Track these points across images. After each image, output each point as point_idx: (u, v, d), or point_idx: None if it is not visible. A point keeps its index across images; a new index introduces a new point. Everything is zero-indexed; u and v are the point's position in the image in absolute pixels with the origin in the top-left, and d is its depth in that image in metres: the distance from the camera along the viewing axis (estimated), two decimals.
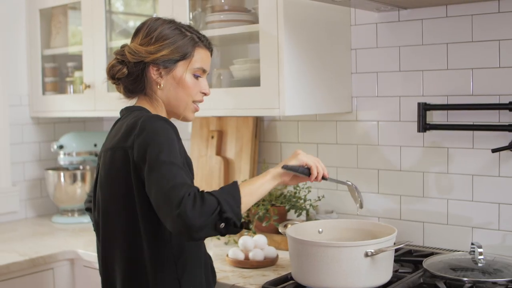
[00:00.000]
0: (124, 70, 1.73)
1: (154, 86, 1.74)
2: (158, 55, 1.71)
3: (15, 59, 3.15)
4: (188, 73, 1.75)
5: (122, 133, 1.64)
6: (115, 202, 1.65)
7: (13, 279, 2.36)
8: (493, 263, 1.93)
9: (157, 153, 1.52)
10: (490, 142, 2.16)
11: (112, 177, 1.65)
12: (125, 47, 1.75)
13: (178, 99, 1.77)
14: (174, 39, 1.73)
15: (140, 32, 1.75)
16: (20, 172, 3.17)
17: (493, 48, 2.13)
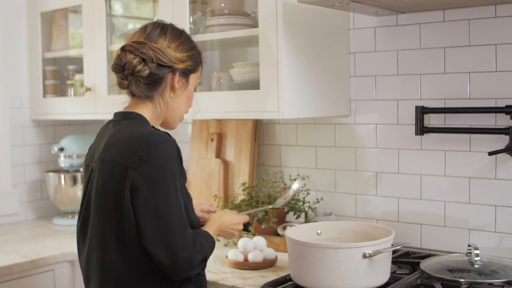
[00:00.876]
0: (146, 70, 1.67)
1: (168, 92, 1.74)
2: (186, 64, 1.74)
3: (16, 62, 3.17)
4: (194, 85, 1.82)
5: (123, 147, 1.62)
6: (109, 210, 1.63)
7: (14, 280, 2.37)
8: (490, 265, 1.95)
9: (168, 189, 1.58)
10: (487, 145, 2.18)
11: (107, 188, 1.63)
12: (145, 44, 1.68)
13: (182, 108, 1.81)
14: (194, 52, 1.78)
15: (166, 35, 1.73)
16: (21, 174, 3.19)
17: (489, 52, 2.16)
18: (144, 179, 1.57)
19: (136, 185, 1.57)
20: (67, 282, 2.54)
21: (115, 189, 1.61)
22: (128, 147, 1.61)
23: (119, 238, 1.62)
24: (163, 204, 1.57)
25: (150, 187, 1.57)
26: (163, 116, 1.78)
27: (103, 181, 1.64)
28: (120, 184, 1.59)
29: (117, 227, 1.61)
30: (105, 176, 1.64)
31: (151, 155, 1.57)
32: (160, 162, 1.57)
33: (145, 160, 1.57)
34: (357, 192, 2.52)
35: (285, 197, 2.20)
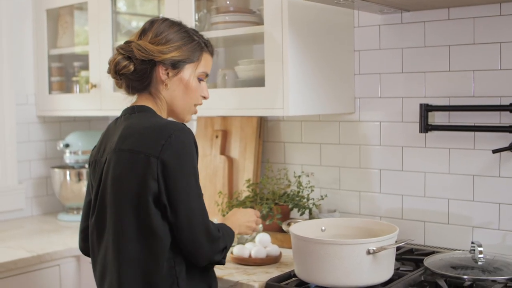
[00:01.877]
0: (130, 66, 1.73)
1: (160, 85, 1.77)
2: (169, 56, 1.74)
3: (22, 59, 3.19)
4: (194, 76, 1.80)
5: (142, 136, 1.64)
6: (127, 201, 1.64)
7: (20, 275, 2.39)
8: (493, 262, 1.96)
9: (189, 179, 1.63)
10: (491, 143, 2.19)
11: (126, 178, 1.64)
12: (131, 43, 1.75)
13: (182, 101, 1.81)
14: (183, 42, 1.77)
15: (150, 31, 1.76)
16: (27, 170, 3.21)
17: (494, 50, 2.17)
18: (167, 167, 1.60)
19: (159, 173, 1.60)
20: (72, 277, 2.56)
21: (136, 178, 1.62)
22: (148, 136, 1.64)
23: (139, 226, 1.63)
24: (187, 191, 1.62)
25: (174, 175, 1.61)
26: (166, 109, 1.81)
27: (120, 171, 1.65)
28: (142, 173, 1.61)
29: (137, 216, 1.63)
30: (123, 166, 1.65)
31: (172, 143, 1.61)
32: (181, 150, 1.62)
33: (167, 148, 1.61)
34: (361, 189, 2.53)
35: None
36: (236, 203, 2.51)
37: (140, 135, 1.65)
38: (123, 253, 1.66)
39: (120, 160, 1.67)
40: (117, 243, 1.67)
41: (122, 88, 1.82)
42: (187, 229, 1.63)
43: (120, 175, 1.66)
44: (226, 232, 1.76)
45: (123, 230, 1.65)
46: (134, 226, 1.64)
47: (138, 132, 1.67)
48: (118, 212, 1.66)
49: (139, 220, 1.63)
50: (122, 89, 1.83)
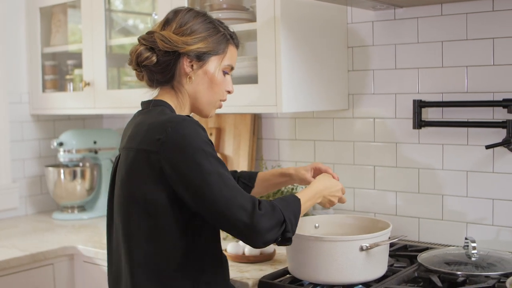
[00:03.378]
0: (153, 58, 1.65)
1: (184, 78, 1.68)
2: (194, 47, 1.65)
3: (15, 57, 3.18)
4: (219, 69, 1.71)
5: (144, 134, 1.59)
6: (136, 201, 1.61)
7: (14, 274, 2.38)
8: (487, 258, 1.96)
9: (198, 166, 1.51)
10: (484, 138, 2.19)
11: (132, 178, 1.61)
12: (153, 33, 1.66)
13: (207, 95, 1.72)
14: (209, 33, 1.68)
15: (173, 22, 1.67)
16: (20, 169, 3.20)
17: (487, 46, 2.16)
18: (170, 161, 1.53)
19: (166, 170, 1.54)
20: (66, 276, 2.55)
21: (141, 178, 1.58)
22: (148, 133, 1.58)
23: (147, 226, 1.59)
24: (198, 180, 1.51)
25: (179, 167, 1.52)
26: (189, 104, 1.72)
27: (126, 170, 1.63)
28: (145, 172, 1.57)
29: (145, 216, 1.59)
30: (128, 165, 1.62)
31: (168, 136, 1.53)
32: (181, 142, 1.53)
33: (164, 141, 1.53)
34: (355, 185, 2.52)
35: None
36: None
37: (143, 132, 1.60)
38: (135, 254, 1.62)
39: (126, 160, 1.63)
40: (127, 244, 1.64)
41: (143, 81, 1.74)
42: (217, 220, 1.54)
43: (126, 175, 1.63)
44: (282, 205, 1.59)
45: (132, 230, 1.62)
46: (142, 227, 1.60)
47: (143, 130, 1.61)
48: (125, 213, 1.64)
49: (147, 220, 1.59)
50: (142, 81, 1.74)
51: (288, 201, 1.63)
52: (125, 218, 1.64)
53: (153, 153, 1.55)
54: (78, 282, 2.56)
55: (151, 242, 1.60)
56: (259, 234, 1.53)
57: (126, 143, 1.67)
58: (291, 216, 1.60)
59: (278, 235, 1.57)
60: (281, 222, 1.56)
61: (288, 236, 1.59)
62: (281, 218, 1.56)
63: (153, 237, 1.60)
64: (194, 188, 1.53)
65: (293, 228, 1.60)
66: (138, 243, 1.62)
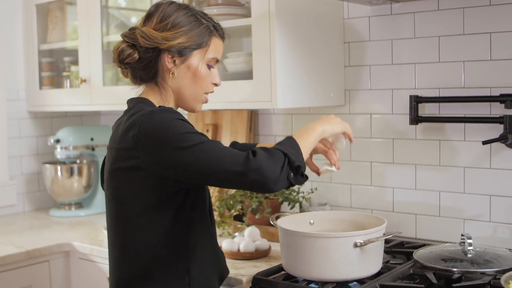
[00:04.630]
0: (135, 55, 1.63)
1: (166, 74, 1.65)
2: (175, 42, 1.61)
3: (12, 54, 3.17)
4: (203, 63, 1.67)
5: (121, 133, 1.59)
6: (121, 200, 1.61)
7: (9, 271, 2.38)
8: (484, 254, 1.94)
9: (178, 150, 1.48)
10: (482, 134, 2.17)
11: (115, 177, 1.61)
12: (135, 30, 1.64)
13: (191, 89, 1.68)
14: (191, 27, 1.64)
15: (154, 16, 1.64)
16: (18, 166, 3.19)
17: (484, 41, 2.15)
18: (151, 155, 1.51)
19: (144, 163, 1.52)
20: (62, 273, 2.55)
21: (122, 175, 1.58)
22: (124, 131, 1.57)
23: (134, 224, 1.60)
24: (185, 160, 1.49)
25: (161, 158, 1.50)
26: (173, 99, 1.70)
27: (109, 170, 1.63)
28: (125, 169, 1.57)
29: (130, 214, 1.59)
30: (111, 165, 1.62)
31: (141, 131, 1.52)
32: (152, 134, 1.51)
33: (138, 137, 1.52)
34: (352, 182, 2.51)
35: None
36: (226, 197, 2.50)
37: (121, 131, 1.60)
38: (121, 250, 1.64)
39: (109, 159, 1.64)
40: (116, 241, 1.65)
41: (128, 78, 1.72)
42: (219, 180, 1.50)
43: (109, 174, 1.63)
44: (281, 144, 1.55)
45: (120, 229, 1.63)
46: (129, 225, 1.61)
47: (120, 129, 1.61)
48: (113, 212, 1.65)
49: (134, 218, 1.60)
50: (127, 78, 1.72)
51: (281, 142, 1.57)
52: (113, 216, 1.65)
53: (131, 150, 1.54)
54: (74, 278, 2.56)
55: (140, 239, 1.60)
56: (264, 176, 1.46)
57: (109, 143, 1.67)
58: (290, 149, 1.53)
59: (287, 170, 1.50)
60: (282, 157, 1.50)
61: (296, 164, 1.51)
62: (280, 154, 1.50)
63: (141, 235, 1.60)
64: (185, 168, 1.49)
65: (299, 158, 1.53)
66: (126, 241, 1.62)
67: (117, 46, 1.66)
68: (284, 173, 1.50)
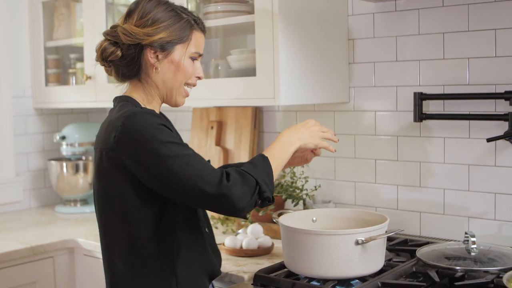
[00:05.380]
0: (117, 52, 1.64)
1: (150, 70, 1.68)
2: (156, 38, 1.64)
3: (18, 51, 3.18)
4: (185, 57, 1.69)
5: (103, 133, 1.61)
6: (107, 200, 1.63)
7: (13, 267, 2.39)
8: (488, 253, 1.92)
9: (155, 155, 1.51)
10: (486, 131, 2.15)
11: (99, 177, 1.63)
12: (116, 27, 1.66)
13: (174, 83, 1.70)
14: (171, 22, 1.66)
15: (134, 13, 1.66)
16: (24, 162, 3.21)
17: (489, 37, 2.13)
18: (130, 156, 1.54)
19: (126, 164, 1.54)
20: (66, 269, 2.55)
21: (106, 174, 1.61)
22: (106, 132, 1.60)
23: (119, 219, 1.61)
24: (160, 168, 1.52)
25: (140, 160, 1.53)
26: (156, 94, 1.72)
27: (95, 170, 1.66)
28: (108, 169, 1.59)
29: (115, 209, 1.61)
30: (96, 165, 1.65)
31: (122, 132, 1.54)
32: (133, 135, 1.53)
33: (119, 137, 1.54)
34: (356, 179, 2.50)
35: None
36: None
37: (103, 131, 1.62)
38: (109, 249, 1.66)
39: (95, 158, 1.66)
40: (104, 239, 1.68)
41: (112, 76, 1.74)
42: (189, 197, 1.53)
43: (95, 174, 1.66)
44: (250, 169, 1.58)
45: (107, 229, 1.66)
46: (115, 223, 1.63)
47: (103, 129, 1.64)
48: (101, 212, 1.67)
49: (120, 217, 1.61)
50: (111, 76, 1.75)
51: (255, 163, 1.61)
52: (101, 216, 1.67)
53: (112, 150, 1.56)
54: (78, 275, 2.57)
55: (125, 239, 1.61)
56: (233, 203, 1.51)
57: (95, 142, 1.69)
58: (263, 176, 1.58)
59: (255, 198, 1.56)
60: (254, 185, 1.55)
61: (266, 195, 1.58)
62: (253, 181, 1.55)
63: (126, 235, 1.61)
64: (158, 176, 1.53)
65: (270, 187, 1.59)
66: (113, 240, 1.64)
67: (100, 44, 1.69)
68: (252, 201, 1.56)
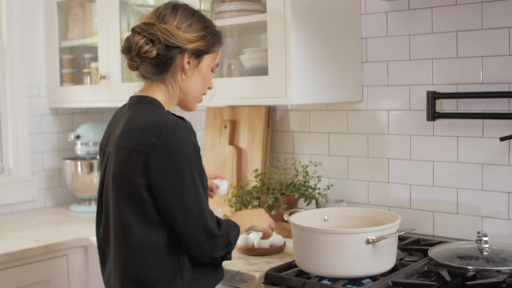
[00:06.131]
0: (154, 51, 1.66)
1: (179, 73, 1.72)
2: (195, 45, 1.71)
3: (34, 51, 3.21)
4: (209, 67, 1.80)
5: (139, 134, 1.61)
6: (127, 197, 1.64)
7: (28, 265, 2.41)
8: (501, 252, 1.91)
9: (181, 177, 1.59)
10: (500, 130, 2.14)
11: (123, 175, 1.63)
12: (154, 26, 1.67)
13: (197, 91, 1.79)
14: (207, 32, 1.74)
15: (171, 17, 1.70)
16: (39, 161, 3.23)
17: (503, 36, 2.11)
18: (157, 164, 1.57)
19: (151, 171, 1.58)
20: (80, 267, 2.57)
21: (130, 175, 1.61)
22: (143, 134, 1.61)
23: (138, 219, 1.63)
24: (181, 191, 1.59)
25: (165, 173, 1.58)
26: (177, 98, 1.77)
27: (118, 167, 1.65)
28: (134, 171, 1.60)
29: (135, 209, 1.63)
30: (120, 163, 1.64)
31: (163, 141, 1.57)
32: (173, 147, 1.58)
33: (157, 146, 1.57)
34: (369, 179, 2.49)
35: None
36: (242, 193, 2.50)
37: (137, 132, 1.63)
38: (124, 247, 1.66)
39: (118, 156, 1.66)
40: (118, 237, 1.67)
41: (134, 71, 1.76)
42: (184, 229, 1.62)
43: (118, 171, 1.65)
44: (229, 228, 1.73)
45: (123, 223, 1.65)
46: (133, 220, 1.63)
47: (136, 129, 1.64)
48: (118, 207, 1.66)
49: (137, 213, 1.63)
50: (133, 71, 1.77)
51: (233, 227, 1.77)
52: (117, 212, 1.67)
53: (144, 155, 1.59)
54: (91, 273, 2.58)
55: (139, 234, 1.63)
56: (213, 253, 1.68)
57: (116, 140, 1.67)
58: (234, 240, 1.75)
59: (223, 255, 1.72)
60: (227, 244, 1.72)
61: (228, 258, 1.75)
62: (228, 241, 1.71)
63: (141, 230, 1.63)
64: (170, 195, 1.60)
65: (231, 250, 1.75)
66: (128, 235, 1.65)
67: (135, 39, 1.67)
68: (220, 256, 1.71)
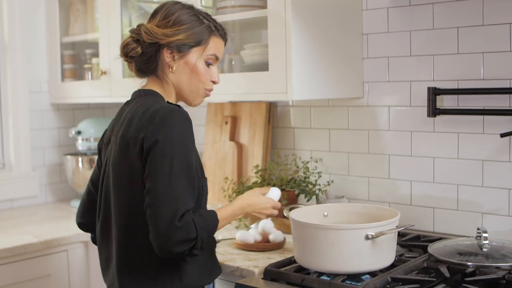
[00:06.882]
0: (138, 49, 1.74)
1: (166, 69, 1.76)
2: (174, 39, 1.73)
3: (35, 47, 3.21)
4: (201, 60, 1.77)
5: (137, 121, 1.65)
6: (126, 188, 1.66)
7: (28, 260, 2.41)
8: (501, 249, 1.91)
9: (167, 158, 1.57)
10: (501, 127, 2.13)
11: (126, 165, 1.66)
12: (141, 26, 1.75)
13: (189, 85, 1.79)
14: (191, 25, 1.75)
15: (158, 14, 1.76)
16: (40, 157, 3.24)
17: (504, 32, 2.10)
18: (152, 144, 1.59)
19: (146, 151, 1.60)
20: (80, 262, 2.58)
21: (129, 162, 1.65)
22: (140, 121, 1.65)
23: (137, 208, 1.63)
24: (166, 171, 1.57)
25: (156, 152, 1.58)
26: (173, 92, 1.80)
27: (118, 156, 1.69)
28: (134, 157, 1.63)
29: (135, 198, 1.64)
30: (120, 151, 1.68)
31: (159, 123, 1.60)
32: (168, 130, 1.59)
33: (153, 128, 1.60)
34: (370, 175, 2.49)
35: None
36: (242, 189, 2.50)
37: (136, 120, 1.67)
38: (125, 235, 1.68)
39: (117, 146, 1.70)
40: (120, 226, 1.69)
41: (133, 71, 1.83)
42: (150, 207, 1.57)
43: (117, 160, 1.69)
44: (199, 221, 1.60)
45: (123, 211, 1.67)
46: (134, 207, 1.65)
47: (135, 118, 1.68)
48: (118, 195, 1.69)
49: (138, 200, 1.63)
50: (133, 71, 1.83)
51: (206, 218, 1.65)
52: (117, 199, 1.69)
53: (141, 138, 1.62)
54: (92, 268, 2.59)
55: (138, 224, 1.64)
56: (168, 245, 1.55)
57: (119, 131, 1.71)
58: (204, 234, 1.61)
59: (186, 250, 1.58)
60: (193, 239, 1.58)
61: (195, 253, 1.62)
62: (194, 236, 1.58)
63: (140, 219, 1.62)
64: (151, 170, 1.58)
65: (202, 246, 1.62)
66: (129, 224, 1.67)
67: (124, 40, 1.78)
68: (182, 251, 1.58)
